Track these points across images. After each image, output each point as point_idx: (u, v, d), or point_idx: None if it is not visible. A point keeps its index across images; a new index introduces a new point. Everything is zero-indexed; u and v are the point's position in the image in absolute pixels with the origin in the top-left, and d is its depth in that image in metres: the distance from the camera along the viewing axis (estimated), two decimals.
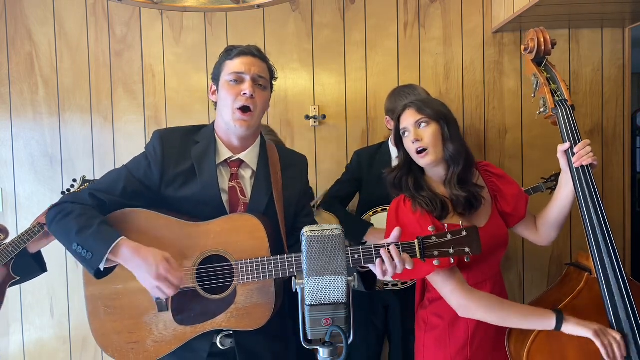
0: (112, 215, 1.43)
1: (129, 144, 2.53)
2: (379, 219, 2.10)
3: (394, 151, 2.16)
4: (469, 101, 2.51)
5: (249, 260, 1.38)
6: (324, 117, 2.50)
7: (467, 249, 1.24)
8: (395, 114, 1.60)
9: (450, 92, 2.50)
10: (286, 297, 1.53)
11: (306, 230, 1.05)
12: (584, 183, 1.41)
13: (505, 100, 2.51)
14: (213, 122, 1.56)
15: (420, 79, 2.51)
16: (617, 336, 1.34)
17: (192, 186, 1.46)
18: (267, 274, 1.37)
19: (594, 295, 1.40)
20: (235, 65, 1.46)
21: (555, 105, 1.48)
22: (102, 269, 1.33)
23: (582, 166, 1.42)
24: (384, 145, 2.25)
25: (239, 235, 1.41)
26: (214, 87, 1.51)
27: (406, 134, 1.53)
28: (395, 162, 2.13)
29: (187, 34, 2.52)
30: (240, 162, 1.51)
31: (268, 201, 1.50)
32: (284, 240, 1.51)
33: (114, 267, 1.38)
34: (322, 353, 1.04)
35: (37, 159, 2.55)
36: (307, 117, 2.51)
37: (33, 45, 2.52)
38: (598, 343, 1.32)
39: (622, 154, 2.51)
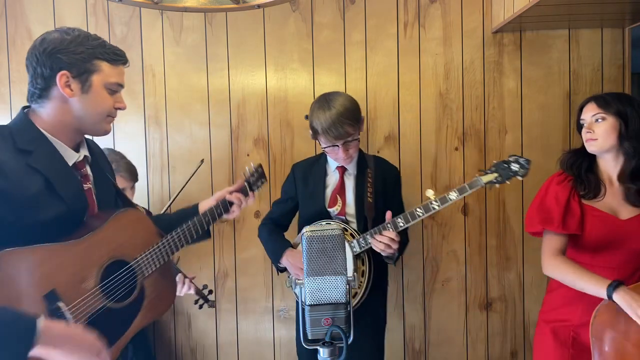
0: None
1: (129, 144, 2.53)
2: None
3: (332, 164, 2.05)
4: (469, 101, 2.51)
5: (145, 252, 1.40)
6: None
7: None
8: (579, 104, 1.80)
9: (450, 92, 2.51)
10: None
11: (306, 230, 1.05)
12: None
13: (505, 100, 2.51)
14: (24, 119, 1.30)
15: (420, 79, 2.51)
16: None
17: (53, 205, 1.23)
18: (166, 255, 1.45)
19: None
20: (117, 74, 1.34)
21: None
22: None
23: None
24: (322, 157, 2.10)
25: (129, 232, 1.37)
26: (69, 77, 1.26)
27: (584, 124, 1.73)
28: (331, 176, 2.04)
29: (187, 34, 2.52)
30: (86, 159, 1.38)
31: (115, 192, 1.46)
32: None
33: None
34: (322, 353, 1.04)
35: None
36: (307, 117, 2.50)
37: None
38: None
39: None
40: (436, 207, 1.82)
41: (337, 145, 1.89)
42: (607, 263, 1.69)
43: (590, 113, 1.72)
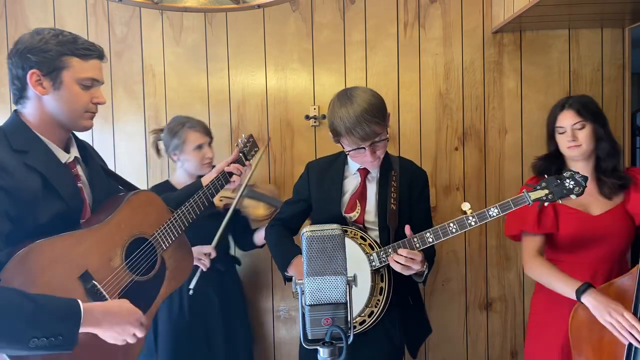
0: (12, 266, 1.15)
1: (129, 144, 2.53)
2: None
3: (352, 166, 1.82)
4: (469, 101, 2.51)
5: (160, 228, 1.52)
6: (324, 117, 2.50)
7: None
8: (553, 109, 1.83)
9: (450, 92, 2.51)
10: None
11: (306, 230, 1.05)
12: None
13: (505, 100, 2.51)
14: (17, 120, 1.33)
15: (420, 79, 2.51)
16: (629, 318, 1.48)
17: (53, 203, 1.27)
18: (179, 228, 1.57)
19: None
20: (90, 69, 1.34)
21: None
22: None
23: None
24: (340, 157, 1.86)
25: (143, 211, 1.49)
26: (40, 75, 1.28)
27: (563, 132, 1.78)
28: (351, 179, 1.81)
29: (187, 34, 2.52)
30: (77, 160, 1.41)
31: (108, 192, 1.48)
32: None
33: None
34: (322, 353, 1.04)
35: None
36: (307, 117, 2.51)
37: None
38: (615, 333, 1.50)
39: (622, 154, 2.51)
40: (472, 224, 1.59)
41: (364, 148, 1.64)
42: (585, 260, 1.77)
43: (569, 121, 1.77)
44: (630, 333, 1.47)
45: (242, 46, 2.52)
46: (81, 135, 2.51)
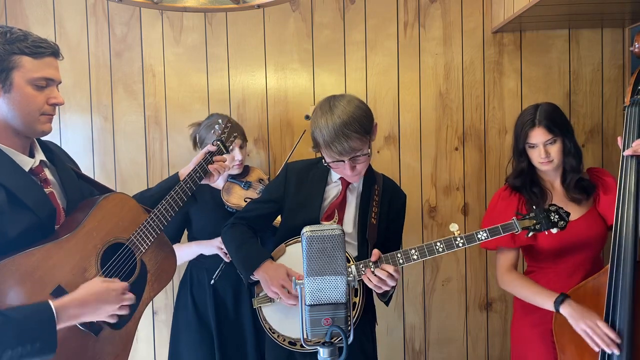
0: None
1: (129, 144, 2.53)
2: (294, 250, 1.72)
3: (335, 173, 1.75)
4: (469, 101, 2.51)
5: (136, 230, 1.45)
6: None
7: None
8: (523, 125, 1.83)
9: (450, 92, 2.51)
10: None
11: (306, 230, 1.05)
12: (625, 171, 1.63)
13: (505, 100, 2.51)
14: None
15: (420, 79, 2.51)
16: (610, 334, 1.54)
17: (22, 216, 1.20)
18: (157, 228, 1.49)
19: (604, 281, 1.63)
20: (42, 67, 1.24)
21: (630, 103, 1.67)
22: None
23: (630, 157, 1.62)
24: (322, 162, 1.74)
25: (116, 215, 1.41)
26: None
27: (534, 148, 1.81)
28: (333, 187, 1.76)
29: (187, 34, 2.52)
30: (43, 163, 1.34)
31: (81, 193, 1.42)
32: None
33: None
34: (322, 353, 1.04)
35: None
36: (307, 117, 2.50)
37: None
38: (588, 340, 1.57)
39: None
40: (460, 245, 1.61)
41: (343, 161, 1.60)
42: (567, 265, 1.81)
43: (541, 139, 1.79)
44: (602, 339, 1.55)
45: (242, 46, 2.52)
46: (80, 134, 2.52)
